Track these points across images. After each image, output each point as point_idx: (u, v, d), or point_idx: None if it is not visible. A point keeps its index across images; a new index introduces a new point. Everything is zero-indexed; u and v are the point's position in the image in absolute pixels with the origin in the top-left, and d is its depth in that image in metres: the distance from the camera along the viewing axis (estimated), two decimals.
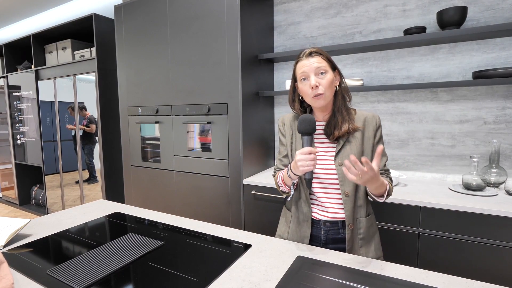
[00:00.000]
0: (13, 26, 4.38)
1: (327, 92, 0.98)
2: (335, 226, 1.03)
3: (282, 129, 1.15)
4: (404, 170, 1.94)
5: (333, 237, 1.04)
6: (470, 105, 1.74)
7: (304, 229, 1.06)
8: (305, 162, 0.89)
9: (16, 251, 0.99)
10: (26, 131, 3.66)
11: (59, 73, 3.13)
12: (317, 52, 1.00)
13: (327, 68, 0.98)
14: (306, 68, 0.99)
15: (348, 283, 0.77)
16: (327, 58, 1.01)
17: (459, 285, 0.75)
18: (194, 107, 2.09)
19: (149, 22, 2.24)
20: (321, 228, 1.05)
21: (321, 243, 1.05)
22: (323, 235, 1.04)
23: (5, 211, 3.93)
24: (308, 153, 0.89)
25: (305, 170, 0.89)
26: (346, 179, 1.00)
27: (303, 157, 0.89)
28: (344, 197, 1.01)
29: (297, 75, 1.03)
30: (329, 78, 0.98)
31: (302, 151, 0.90)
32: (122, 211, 1.40)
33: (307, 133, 0.93)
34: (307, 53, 1.01)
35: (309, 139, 0.94)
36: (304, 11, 2.17)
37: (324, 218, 1.04)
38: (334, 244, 1.04)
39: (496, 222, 1.30)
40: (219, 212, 2.05)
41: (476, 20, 1.69)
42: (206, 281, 0.79)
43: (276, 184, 1.11)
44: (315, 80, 0.97)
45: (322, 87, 0.97)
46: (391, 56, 1.92)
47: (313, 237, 1.06)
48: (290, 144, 1.11)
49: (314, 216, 1.05)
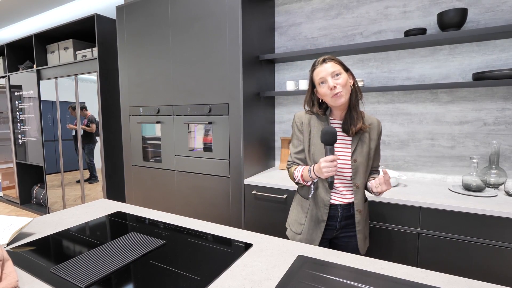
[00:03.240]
0: (15, 26, 4.39)
1: (344, 90, 1.12)
2: (347, 206, 1.22)
3: (300, 127, 1.26)
4: (404, 170, 1.95)
5: (346, 215, 1.22)
6: (470, 106, 1.75)
7: (323, 213, 1.22)
8: (329, 169, 1.04)
9: (19, 249, 1.00)
10: (27, 131, 3.67)
11: (60, 73, 3.14)
12: (330, 58, 1.15)
13: (341, 71, 1.13)
14: (323, 73, 1.13)
15: (348, 282, 0.78)
16: (339, 62, 1.15)
17: (459, 285, 0.76)
18: (195, 107, 2.09)
19: (150, 22, 2.25)
20: (338, 209, 1.22)
21: (337, 221, 1.23)
22: (340, 215, 1.22)
23: (6, 210, 3.93)
24: (331, 161, 1.04)
25: (329, 175, 1.04)
26: (357, 174, 1.18)
27: (327, 164, 1.04)
28: (355, 188, 1.19)
29: (316, 81, 1.17)
30: (344, 78, 1.12)
31: (326, 159, 1.04)
32: (123, 210, 1.41)
33: (330, 143, 1.06)
34: (321, 60, 1.15)
35: (332, 148, 1.07)
36: (305, 12, 2.18)
37: (340, 202, 1.21)
38: (347, 220, 1.23)
39: (495, 223, 1.30)
40: (220, 212, 2.06)
41: (476, 21, 1.70)
42: (207, 280, 0.80)
43: (291, 176, 1.26)
44: (333, 82, 1.11)
45: (339, 87, 1.11)
46: (392, 57, 1.92)
47: (330, 217, 1.23)
48: (308, 141, 1.23)
49: (332, 202, 1.22)
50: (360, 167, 1.17)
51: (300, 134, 1.25)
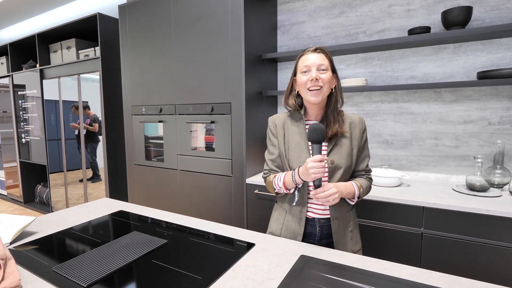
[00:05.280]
0: (18, 26, 4.41)
1: (325, 88, 1.03)
2: (328, 222, 1.09)
3: (274, 131, 1.17)
4: (408, 170, 1.93)
5: (327, 233, 1.09)
6: (474, 106, 1.73)
7: (299, 227, 1.10)
8: (316, 170, 0.93)
9: (22, 248, 1.00)
10: (31, 130, 3.69)
11: (63, 72, 3.15)
12: (322, 49, 1.05)
13: (328, 68, 1.04)
14: (310, 61, 1.03)
15: (351, 282, 0.77)
16: (330, 58, 1.06)
17: (463, 286, 0.75)
18: (198, 106, 2.09)
19: (153, 21, 2.25)
20: (316, 226, 1.09)
21: (315, 239, 1.10)
22: (318, 232, 1.09)
23: (10, 209, 3.96)
24: (320, 161, 0.93)
25: (317, 177, 0.94)
26: (333, 176, 1.06)
27: (315, 164, 0.93)
28: None
29: (299, 68, 1.07)
30: (329, 76, 1.03)
31: (313, 159, 0.94)
32: (126, 210, 1.41)
33: (318, 141, 0.96)
34: (313, 48, 1.06)
35: (319, 147, 0.97)
36: (307, 10, 2.17)
37: (318, 216, 1.09)
38: (328, 239, 1.10)
39: (500, 223, 1.29)
40: (222, 211, 2.06)
41: (481, 20, 1.68)
42: (209, 279, 0.80)
43: (270, 186, 1.13)
44: (316, 73, 1.01)
45: (322, 82, 1.02)
46: (395, 56, 1.91)
47: (308, 234, 1.10)
48: (283, 144, 1.13)
49: (309, 215, 1.09)
50: (338, 169, 1.05)
51: (275, 138, 1.15)
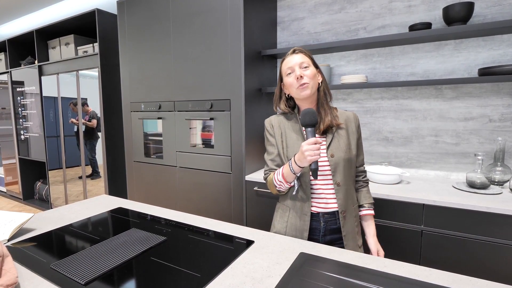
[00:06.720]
0: (17, 22, 4.38)
1: (311, 82, 1.07)
2: (332, 217, 1.10)
3: (271, 131, 1.20)
4: (408, 167, 1.93)
5: (331, 228, 1.10)
6: (475, 103, 1.72)
7: (303, 223, 1.10)
8: (312, 152, 0.94)
9: (20, 245, 0.99)
10: (30, 127, 3.67)
11: (62, 69, 3.14)
12: (300, 50, 1.11)
13: (310, 64, 1.09)
14: (291, 63, 1.09)
15: (351, 280, 0.77)
16: (310, 56, 1.12)
17: (463, 283, 0.75)
18: (197, 103, 2.08)
19: (152, 17, 2.23)
20: (320, 221, 1.10)
21: (320, 235, 1.11)
22: (322, 227, 1.10)
23: (9, 205, 3.96)
24: (314, 143, 0.95)
25: (313, 159, 0.95)
26: (337, 170, 1.08)
27: (310, 147, 0.95)
28: (336, 187, 1.08)
29: (283, 71, 1.13)
30: (313, 71, 1.08)
31: (308, 142, 0.96)
32: (125, 206, 1.40)
33: (311, 124, 0.99)
34: (291, 51, 1.12)
35: (312, 130, 1.00)
36: (307, 6, 2.15)
37: (322, 210, 1.09)
38: (332, 234, 1.11)
39: (500, 221, 1.29)
40: (221, 208, 2.05)
41: (483, 16, 1.67)
42: (208, 277, 0.80)
43: (271, 184, 1.15)
44: (300, 72, 1.07)
45: (306, 78, 1.07)
46: (396, 52, 1.90)
47: (312, 230, 1.11)
48: (281, 143, 1.16)
49: (313, 210, 1.10)
50: (340, 162, 1.07)
51: (272, 138, 1.18)
